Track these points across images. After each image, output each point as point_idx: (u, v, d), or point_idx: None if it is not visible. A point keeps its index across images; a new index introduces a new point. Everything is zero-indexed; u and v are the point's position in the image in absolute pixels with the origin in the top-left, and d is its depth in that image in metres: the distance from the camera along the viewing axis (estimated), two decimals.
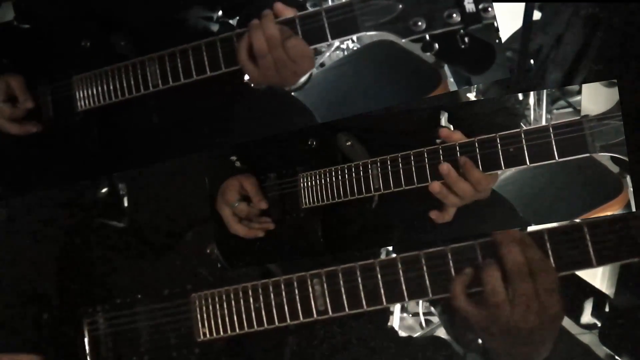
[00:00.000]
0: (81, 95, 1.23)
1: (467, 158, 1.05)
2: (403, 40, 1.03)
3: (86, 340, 1.15)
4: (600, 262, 0.89)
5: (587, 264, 0.89)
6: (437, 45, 1.03)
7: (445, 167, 1.06)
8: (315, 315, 1.01)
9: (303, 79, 1.13)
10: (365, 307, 0.99)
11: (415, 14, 1.01)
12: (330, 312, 1.00)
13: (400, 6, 1.01)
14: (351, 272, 0.99)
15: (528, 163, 1.02)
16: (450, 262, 0.94)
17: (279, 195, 1.23)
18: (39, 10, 1.30)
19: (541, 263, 0.88)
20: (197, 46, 1.12)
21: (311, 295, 1.01)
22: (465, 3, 0.99)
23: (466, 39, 1.01)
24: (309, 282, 1.01)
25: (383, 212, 1.15)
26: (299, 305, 1.02)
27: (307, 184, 1.20)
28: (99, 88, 1.21)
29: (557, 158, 1.00)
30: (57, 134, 1.26)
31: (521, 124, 1.28)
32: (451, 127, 1.17)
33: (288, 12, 1.07)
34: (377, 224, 1.19)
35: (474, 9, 0.99)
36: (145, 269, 1.18)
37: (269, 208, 1.23)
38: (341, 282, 0.99)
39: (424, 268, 0.95)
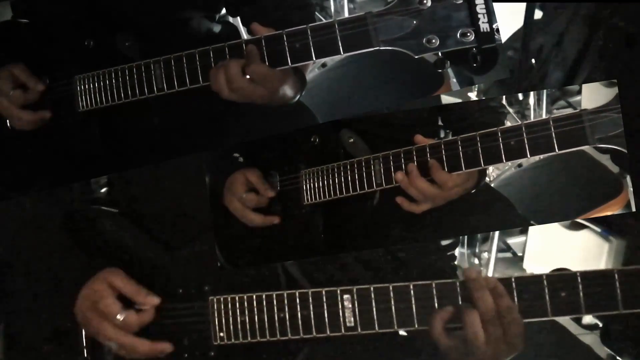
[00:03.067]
0: (83, 95, 1.23)
1: (434, 160, 1.08)
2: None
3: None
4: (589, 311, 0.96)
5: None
6: (449, 63, 1.04)
7: (399, 175, 1.10)
8: (342, 331, 1.02)
9: (290, 93, 1.15)
10: (396, 327, 1.01)
11: (429, 31, 1.01)
12: (359, 329, 1.02)
13: (415, 22, 1.02)
14: (384, 293, 1.01)
15: (529, 155, 1.03)
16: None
17: (282, 192, 1.24)
18: (41, 8, 1.30)
19: (510, 311, 0.97)
20: (205, 52, 1.12)
21: (340, 311, 1.02)
22: (480, 22, 1.00)
23: (479, 58, 1.03)
24: (339, 298, 1.02)
25: (384, 210, 1.16)
26: (326, 319, 1.03)
27: (309, 181, 1.20)
28: (102, 89, 1.20)
29: (557, 150, 1.01)
30: (57, 133, 1.27)
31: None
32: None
33: (263, 31, 1.08)
34: (378, 222, 1.20)
35: (488, 29, 1.00)
36: (156, 267, 1.17)
37: (272, 205, 1.24)
38: (373, 302, 1.01)
39: (459, 297, 0.99)
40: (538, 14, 1.35)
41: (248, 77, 1.09)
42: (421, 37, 1.01)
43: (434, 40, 1.01)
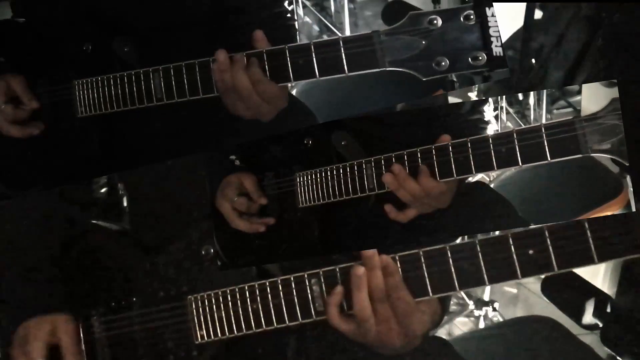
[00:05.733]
0: (82, 100, 1.21)
1: (425, 166, 1.05)
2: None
3: (82, 344, 1.14)
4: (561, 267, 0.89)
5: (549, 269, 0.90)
6: (458, 85, 1.01)
7: (388, 177, 1.08)
8: (314, 316, 1.00)
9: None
10: None
11: (438, 53, 0.99)
12: (326, 315, 0.99)
13: (424, 43, 0.99)
14: (349, 272, 0.97)
15: (520, 164, 1.00)
16: (450, 260, 0.94)
17: (277, 194, 1.23)
18: (39, 9, 1.29)
19: (397, 289, 0.94)
20: (204, 63, 1.10)
21: (309, 295, 1.01)
22: (493, 46, 0.97)
23: (489, 76, 1.01)
24: (307, 282, 1.01)
25: (380, 212, 1.16)
26: (297, 306, 1.01)
27: (304, 183, 1.20)
28: (101, 95, 1.18)
29: (549, 159, 0.99)
30: (56, 137, 1.26)
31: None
32: None
33: (262, 44, 1.06)
34: (373, 224, 1.19)
35: (501, 53, 0.98)
36: (140, 271, 1.17)
37: (267, 207, 1.24)
38: (339, 282, 0.98)
39: (424, 267, 0.95)
40: (538, 14, 1.35)
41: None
42: (430, 59, 0.99)
43: (443, 63, 0.98)
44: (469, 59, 0.98)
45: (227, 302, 1.06)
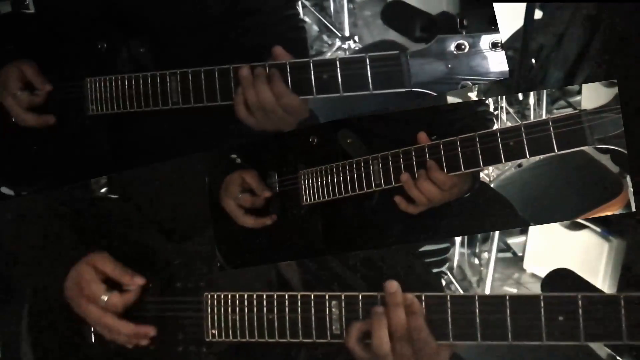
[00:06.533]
0: (94, 99, 1.21)
1: (433, 161, 1.06)
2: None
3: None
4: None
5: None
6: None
7: (404, 176, 1.08)
8: (329, 338, 1.01)
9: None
10: None
11: (463, 78, 1.02)
12: (344, 337, 1.00)
13: (450, 66, 1.01)
14: (372, 303, 0.98)
15: (528, 156, 1.02)
16: (477, 310, 0.94)
17: (280, 193, 1.24)
18: (54, 3, 1.28)
19: (419, 330, 0.94)
20: (224, 70, 1.10)
21: (327, 317, 1.01)
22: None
23: None
24: (327, 304, 1.01)
25: (383, 210, 1.16)
26: (313, 324, 1.01)
27: (308, 181, 1.20)
28: (114, 95, 1.19)
29: (556, 151, 1.00)
30: (64, 134, 1.25)
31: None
32: None
33: (284, 57, 1.07)
34: (377, 222, 1.19)
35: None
36: (158, 258, 1.17)
37: (270, 206, 1.24)
38: (360, 311, 0.99)
39: (449, 312, 0.95)
40: (538, 14, 1.35)
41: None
42: (455, 83, 1.02)
43: (466, 87, 1.02)
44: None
45: (244, 307, 1.06)
